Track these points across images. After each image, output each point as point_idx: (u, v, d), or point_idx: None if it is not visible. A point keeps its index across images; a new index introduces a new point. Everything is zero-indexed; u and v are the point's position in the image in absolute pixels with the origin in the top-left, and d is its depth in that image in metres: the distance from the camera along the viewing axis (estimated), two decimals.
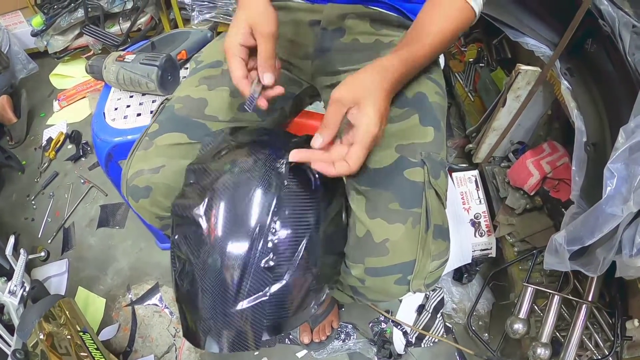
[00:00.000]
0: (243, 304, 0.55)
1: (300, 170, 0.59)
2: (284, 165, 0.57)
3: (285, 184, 0.57)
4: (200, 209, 0.56)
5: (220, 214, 0.55)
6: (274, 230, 0.55)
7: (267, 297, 0.55)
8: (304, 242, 0.56)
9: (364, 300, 0.70)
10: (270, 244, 0.55)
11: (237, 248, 0.54)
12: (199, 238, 0.56)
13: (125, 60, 1.07)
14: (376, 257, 0.60)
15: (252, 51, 0.62)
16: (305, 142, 0.63)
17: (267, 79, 0.60)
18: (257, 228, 0.54)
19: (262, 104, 0.62)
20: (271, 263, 0.55)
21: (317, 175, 0.59)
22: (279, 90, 0.63)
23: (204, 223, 0.56)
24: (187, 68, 1.17)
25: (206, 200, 0.56)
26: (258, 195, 0.55)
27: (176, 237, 0.60)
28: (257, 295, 0.55)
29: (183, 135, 0.68)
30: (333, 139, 0.56)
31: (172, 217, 0.60)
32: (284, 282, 0.56)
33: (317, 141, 0.55)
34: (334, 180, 0.65)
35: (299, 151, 0.56)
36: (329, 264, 0.63)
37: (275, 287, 0.55)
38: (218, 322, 0.56)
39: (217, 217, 0.55)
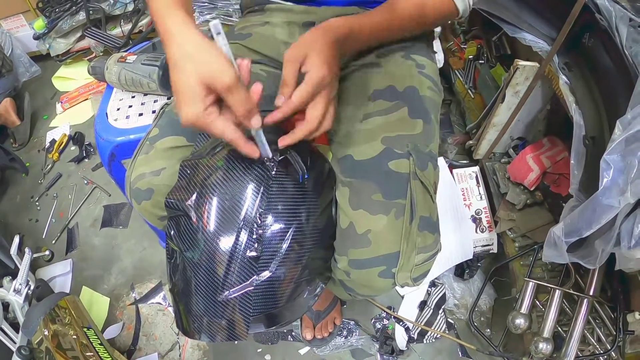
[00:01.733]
0: (230, 293, 0.56)
1: (288, 163, 0.60)
2: (272, 159, 0.58)
3: (273, 175, 0.57)
4: (191, 201, 0.57)
5: (209, 206, 0.56)
6: (259, 222, 0.56)
7: (253, 287, 0.56)
8: (291, 233, 0.57)
9: (355, 295, 0.69)
10: (255, 235, 0.56)
11: (224, 238, 0.56)
12: (189, 229, 0.58)
13: (126, 61, 1.08)
14: (359, 249, 0.60)
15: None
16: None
17: (257, 122, 0.52)
18: (244, 219, 0.56)
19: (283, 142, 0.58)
20: (255, 253, 0.56)
21: (305, 169, 0.60)
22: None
23: (193, 214, 0.57)
24: None
25: (197, 192, 0.57)
26: (246, 187, 0.56)
27: (171, 231, 0.61)
28: (243, 284, 0.56)
29: (182, 138, 0.70)
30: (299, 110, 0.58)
31: (166, 209, 0.62)
32: (269, 272, 0.57)
33: (279, 100, 0.57)
34: (325, 174, 0.65)
35: (283, 139, 0.58)
36: (320, 257, 0.64)
37: (261, 277, 0.56)
38: (207, 311, 0.57)
39: (207, 209, 0.56)
